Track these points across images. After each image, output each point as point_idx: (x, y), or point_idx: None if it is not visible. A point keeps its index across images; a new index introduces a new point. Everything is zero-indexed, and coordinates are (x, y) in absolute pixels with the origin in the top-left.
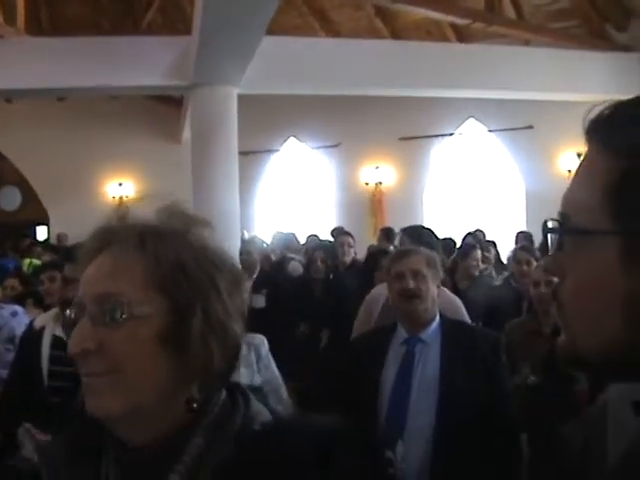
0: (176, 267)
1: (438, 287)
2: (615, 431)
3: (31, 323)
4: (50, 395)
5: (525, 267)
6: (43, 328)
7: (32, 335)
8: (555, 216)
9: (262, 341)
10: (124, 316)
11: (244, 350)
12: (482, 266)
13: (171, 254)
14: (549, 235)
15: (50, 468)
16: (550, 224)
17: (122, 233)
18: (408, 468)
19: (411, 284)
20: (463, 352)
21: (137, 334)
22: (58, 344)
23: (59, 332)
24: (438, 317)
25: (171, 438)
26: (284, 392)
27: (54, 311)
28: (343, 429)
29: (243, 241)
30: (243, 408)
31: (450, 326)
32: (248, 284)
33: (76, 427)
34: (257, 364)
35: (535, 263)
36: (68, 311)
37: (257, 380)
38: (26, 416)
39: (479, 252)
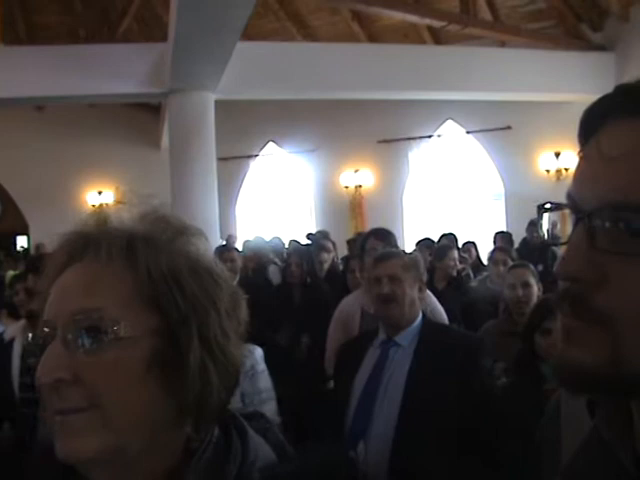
0: (171, 280)
1: (421, 290)
2: (568, 429)
3: (1, 335)
4: (21, 406)
5: (502, 268)
6: (13, 339)
7: (2, 347)
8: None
9: (250, 352)
10: (106, 338)
11: None
12: (459, 266)
13: (165, 264)
14: (602, 230)
15: None
16: (600, 216)
17: (104, 239)
18: (368, 469)
19: (385, 289)
20: (437, 355)
21: (122, 359)
22: (28, 355)
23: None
24: (420, 320)
25: None
26: (272, 408)
27: (23, 322)
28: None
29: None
30: (240, 449)
31: (430, 329)
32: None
33: (38, 472)
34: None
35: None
36: (33, 333)
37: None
38: None
39: (455, 252)
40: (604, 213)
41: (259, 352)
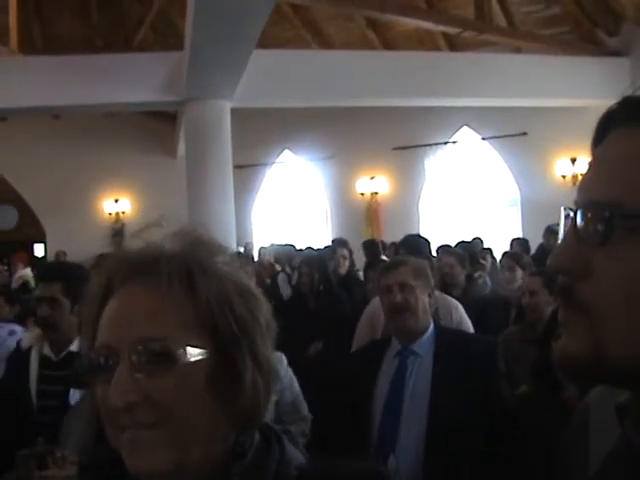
0: (225, 305)
1: (430, 296)
2: (597, 437)
3: (18, 343)
4: (39, 414)
5: (508, 273)
6: (30, 348)
7: (19, 355)
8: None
9: (280, 360)
10: (172, 362)
11: None
12: (476, 274)
13: (219, 291)
14: (582, 226)
15: None
16: (593, 213)
17: (163, 267)
18: None
19: (398, 297)
20: (457, 362)
21: (186, 380)
22: (46, 363)
23: (46, 351)
24: (432, 326)
25: None
26: (305, 409)
27: (38, 331)
28: (380, 474)
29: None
30: (278, 452)
31: (444, 335)
32: None
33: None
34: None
35: (519, 270)
36: (93, 354)
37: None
38: (16, 435)
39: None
40: (589, 211)
41: (284, 359)
